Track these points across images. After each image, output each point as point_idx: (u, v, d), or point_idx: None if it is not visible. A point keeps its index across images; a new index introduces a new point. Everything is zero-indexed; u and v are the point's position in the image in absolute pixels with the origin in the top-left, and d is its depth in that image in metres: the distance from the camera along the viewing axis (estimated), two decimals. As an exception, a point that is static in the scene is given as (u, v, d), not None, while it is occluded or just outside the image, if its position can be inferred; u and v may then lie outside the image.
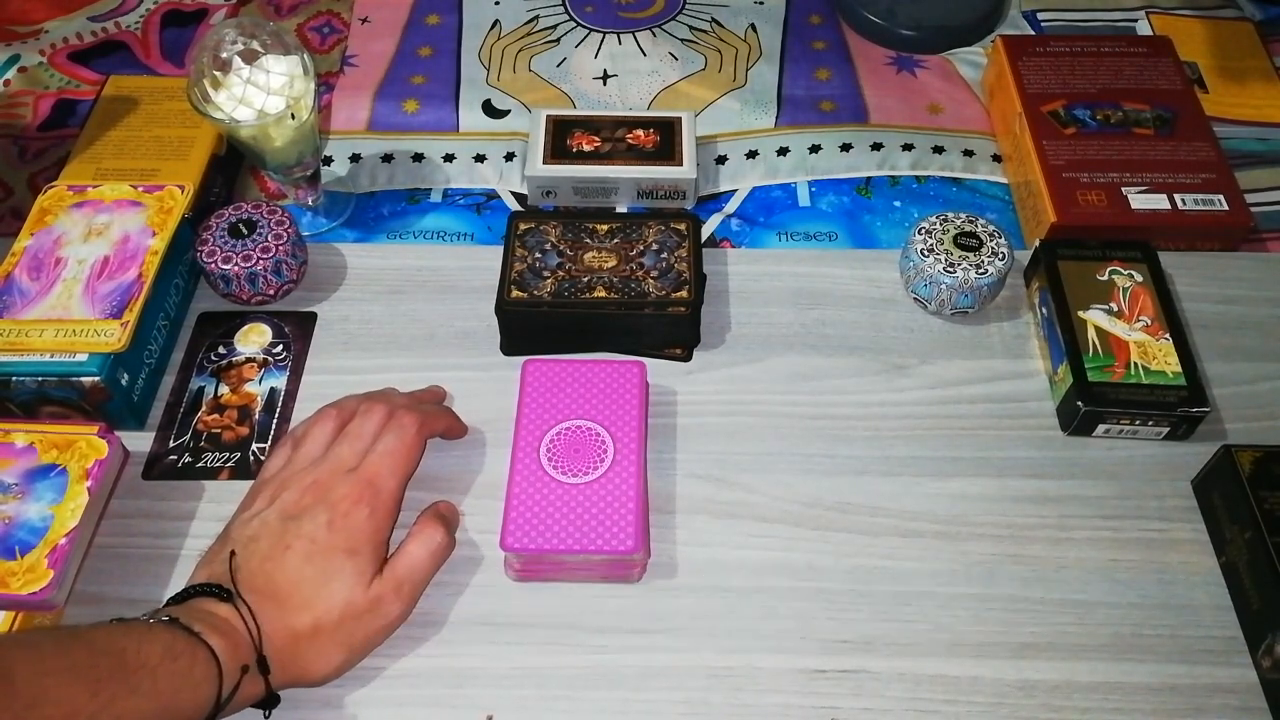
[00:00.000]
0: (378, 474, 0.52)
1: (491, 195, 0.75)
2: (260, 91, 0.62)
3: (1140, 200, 0.69)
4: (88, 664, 0.42)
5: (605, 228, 0.66)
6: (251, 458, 0.60)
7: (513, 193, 0.75)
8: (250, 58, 0.62)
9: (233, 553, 0.50)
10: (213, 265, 0.64)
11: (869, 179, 0.76)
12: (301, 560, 0.49)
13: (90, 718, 0.41)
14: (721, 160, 0.77)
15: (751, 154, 0.77)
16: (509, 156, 0.77)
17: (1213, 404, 0.62)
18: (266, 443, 0.60)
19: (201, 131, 0.72)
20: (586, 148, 0.73)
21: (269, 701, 0.48)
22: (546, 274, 0.64)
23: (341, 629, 0.49)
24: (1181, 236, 0.69)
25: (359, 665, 0.51)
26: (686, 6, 0.89)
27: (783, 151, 0.77)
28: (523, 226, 0.67)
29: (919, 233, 0.66)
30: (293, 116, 0.63)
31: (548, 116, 0.75)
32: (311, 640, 0.48)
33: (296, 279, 0.67)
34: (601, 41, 0.86)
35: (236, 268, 0.63)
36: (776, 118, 0.80)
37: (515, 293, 0.63)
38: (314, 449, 0.54)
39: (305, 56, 0.63)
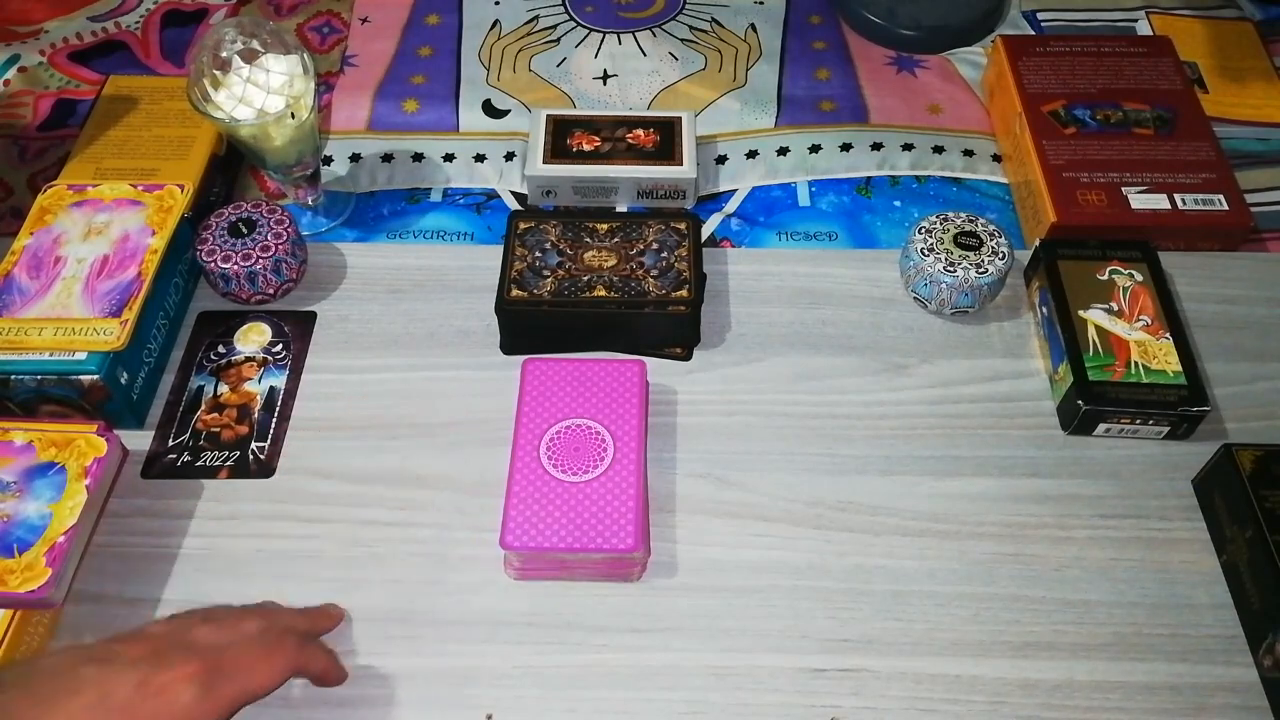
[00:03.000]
0: (233, 665, 0.45)
1: (491, 195, 0.75)
2: (260, 91, 0.62)
3: (1140, 200, 0.69)
4: None
5: (605, 227, 0.66)
6: (251, 456, 0.60)
7: (513, 192, 0.75)
8: (250, 57, 0.62)
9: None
10: (212, 264, 0.64)
11: (869, 179, 0.76)
12: (80, 711, 0.41)
13: None
14: (721, 160, 0.77)
15: (751, 154, 0.77)
16: (509, 156, 0.77)
17: (1213, 403, 0.62)
18: (266, 441, 0.60)
19: (201, 131, 0.72)
20: (586, 147, 0.73)
21: None
22: (546, 273, 0.64)
23: None
24: (1181, 236, 0.69)
25: (358, 666, 0.51)
26: (686, 6, 0.89)
27: (783, 151, 0.77)
28: (523, 226, 0.67)
29: (919, 232, 0.66)
30: (293, 116, 0.63)
31: (548, 116, 0.75)
32: None
33: (296, 278, 0.67)
34: (601, 41, 0.86)
35: (236, 267, 0.63)
36: (776, 118, 0.80)
37: (515, 292, 0.63)
38: (196, 618, 0.47)
39: (305, 56, 0.63)
